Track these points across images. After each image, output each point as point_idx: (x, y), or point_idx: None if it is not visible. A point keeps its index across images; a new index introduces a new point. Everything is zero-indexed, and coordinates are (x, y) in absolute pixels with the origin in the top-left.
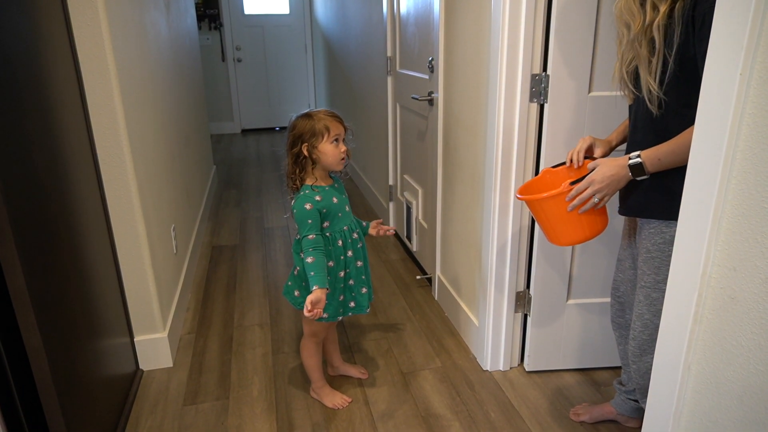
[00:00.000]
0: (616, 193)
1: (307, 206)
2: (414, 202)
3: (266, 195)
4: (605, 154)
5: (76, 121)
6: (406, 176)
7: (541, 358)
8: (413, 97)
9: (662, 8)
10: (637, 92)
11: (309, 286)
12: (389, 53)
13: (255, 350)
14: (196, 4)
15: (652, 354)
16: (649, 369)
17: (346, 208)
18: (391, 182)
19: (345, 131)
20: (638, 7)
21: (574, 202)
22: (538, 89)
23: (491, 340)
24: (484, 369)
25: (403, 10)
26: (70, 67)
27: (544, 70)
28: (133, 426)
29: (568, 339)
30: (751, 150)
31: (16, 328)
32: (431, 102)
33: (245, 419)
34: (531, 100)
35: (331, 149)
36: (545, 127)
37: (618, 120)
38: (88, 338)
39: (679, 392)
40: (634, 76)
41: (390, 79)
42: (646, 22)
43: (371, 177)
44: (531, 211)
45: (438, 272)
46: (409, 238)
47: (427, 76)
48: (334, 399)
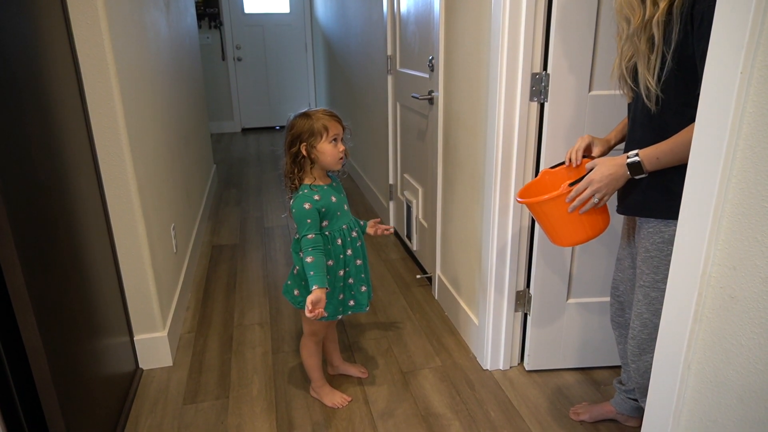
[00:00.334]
0: (616, 192)
1: (306, 206)
2: (414, 201)
3: (266, 194)
4: (604, 153)
5: (75, 121)
6: (406, 175)
7: (541, 357)
8: (413, 96)
9: (662, 4)
10: (636, 89)
11: (308, 286)
12: (389, 52)
13: (255, 349)
14: (196, 3)
15: (651, 353)
16: (649, 368)
17: (345, 207)
18: (391, 181)
19: (343, 131)
20: (638, 2)
21: (574, 203)
22: (539, 88)
23: (491, 339)
24: (484, 368)
25: (403, 8)
26: (69, 67)
27: (545, 68)
28: (133, 425)
29: (568, 338)
30: (751, 149)
31: (16, 328)
32: (431, 101)
33: (245, 418)
34: (531, 99)
35: (329, 149)
36: (545, 126)
37: (618, 119)
38: (87, 337)
39: (678, 391)
40: (633, 73)
41: (390, 78)
42: (646, 17)
43: (371, 176)
44: (532, 214)
45: (438, 271)
46: (409, 237)
47: (427, 75)
48: (334, 398)
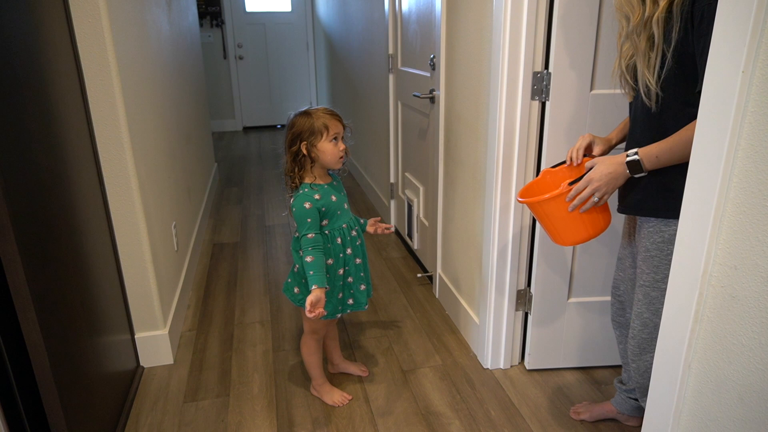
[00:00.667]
0: (617, 191)
1: (306, 205)
2: (415, 200)
3: (267, 192)
4: (604, 152)
5: (77, 118)
6: (407, 174)
7: (542, 356)
8: (415, 95)
9: (662, 3)
10: (636, 88)
11: (309, 284)
12: (391, 51)
13: (255, 347)
14: (197, 1)
15: (651, 353)
16: (649, 368)
17: (345, 206)
18: (392, 180)
19: (344, 129)
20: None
21: (575, 202)
22: (540, 87)
23: (492, 338)
24: (485, 367)
25: (404, 7)
26: (70, 64)
27: (546, 67)
28: (134, 422)
29: (568, 337)
30: (753, 148)
31: (17, 325)
32: (432, 100)
33: (245, 416)
34: (533, 98)
35: (330, 148)
36: (547, 125)
37: (620, 118)
38: (88, 335)
39: (679, 391)
40: (634, 72)
41: (391, 77)
42: (646, 15)
43: (372, 175)
44: (533, 214)
45: (439, 270)
46: (410, 235)
47: (428, 74)
48: (334, 396)
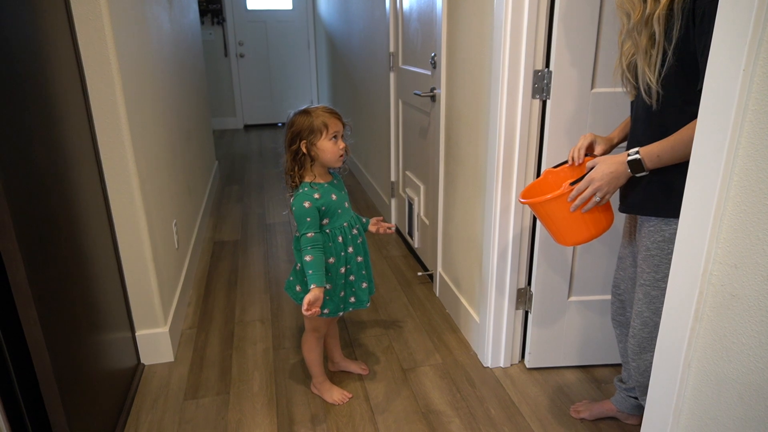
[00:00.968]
0: (618, 191)
1: (306, 204)
2: (416, 199)
3: (268, 191)
4: (606, 152)
5: (77, 115)
6: (408, 172)
7: (542, 354)
8: (416, 93)
9: (663, 0)
10: (637, 86)
11: (308, 283)
12: (392, 49)
13: (256, 345)
14: None
15: (651, 352)
16: (649, 366)
17: (346, 205)
18: (393, 178)
19: (344, 127)
20: None
21: (576, 202)
22: (541, 85)
23: (492, 336)
24: (485, 365)
25: (405, 6)
26: (71, 61)
27: (547, 66)
28: (134, 420)
29: (568, 336)
30: (753, 147)
31: (18, 322)
32: (433, 98)
33: (246, 414)
34: (533, 97)
35: (329, 146)
36: (547, 124)
37: (621, 117)
38: (89, 332)
39: (679, 389)
40: (635, 70)
41: (392, 75)
42: (647, 13)
43: (373, 173)
44: (535, 214)
45: (439, 269)
46: (411, 234)
47: (429, 72)
48: (334, 394)
